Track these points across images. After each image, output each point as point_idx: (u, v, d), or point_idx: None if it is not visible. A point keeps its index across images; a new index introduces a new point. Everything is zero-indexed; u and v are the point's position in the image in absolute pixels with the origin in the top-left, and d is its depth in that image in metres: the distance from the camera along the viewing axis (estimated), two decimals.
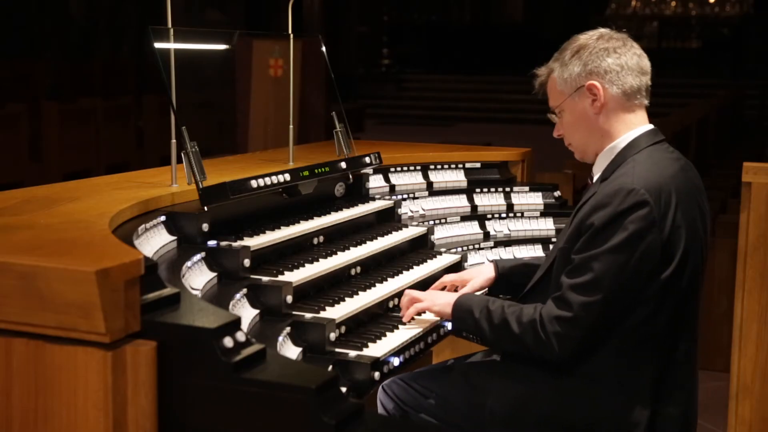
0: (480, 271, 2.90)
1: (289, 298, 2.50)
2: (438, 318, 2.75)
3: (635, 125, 2.47)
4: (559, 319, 2.30)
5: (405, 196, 3.68)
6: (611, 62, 2.44)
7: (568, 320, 2.29)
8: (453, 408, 2.55)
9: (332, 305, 2.62)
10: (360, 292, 2.77)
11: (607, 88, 2.44)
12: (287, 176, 2.89)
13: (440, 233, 3.66)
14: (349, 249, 2.96)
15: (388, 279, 2.94)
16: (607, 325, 2.30)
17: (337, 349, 2.48)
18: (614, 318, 2.30)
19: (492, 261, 2.94)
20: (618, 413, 2.33)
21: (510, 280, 2.87)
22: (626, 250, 2.25)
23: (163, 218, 2.51)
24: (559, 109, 2.54)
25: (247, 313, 2.40)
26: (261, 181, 2.75)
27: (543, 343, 2.32)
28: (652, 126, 2.49)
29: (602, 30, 2.53)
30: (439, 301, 2.66)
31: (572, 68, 2.48)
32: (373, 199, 3.44)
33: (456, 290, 2.87)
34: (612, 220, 2.27)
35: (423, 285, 3.00)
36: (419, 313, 2.73)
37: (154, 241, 2.42)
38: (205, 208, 2.55)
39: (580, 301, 2.28)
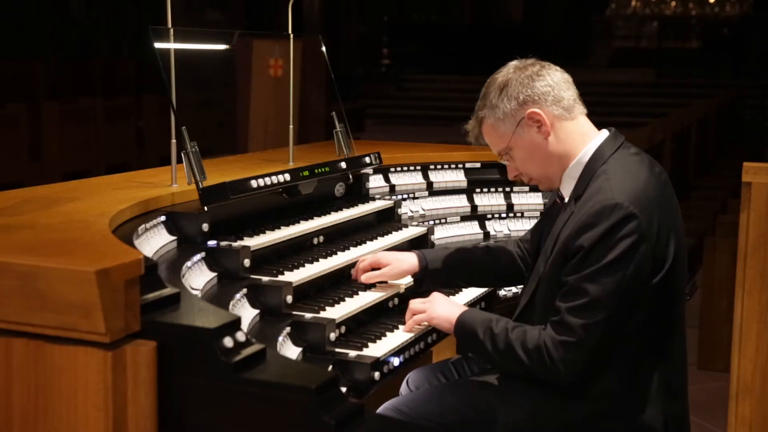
0: (399, 260, 2.80)
1: (289, 298, 2.50)
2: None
3: (590, 135, 2.42)
4: (564, 344, 2.24)
5: (405, 196, 3.68)
6: (540, 86, 2.39)
7: (573, 345, 2.23)
8: None
9: (332, 305, 2.62)
10: (360, 292, 2.77)
11: (547, 110, 2.38)
12: (287, 176, 2.89)
13: (440, 233, 3.65)
14: (349, 249, 2.96)
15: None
16: (611, 341, 2.26)
17: (337, 349, 2.48)
18: (617, 333, 2.26)
19: (416, 252, 2.85)
20: (628, 424, 2.30)
21: (441, 273, 2.81)
22: (621, 266, 2.19)
23: (163, 218, 2.51)
24: (507, 150, 2.47)
25: (247, 313, 2.40)
26: (261, 181, 2.75)
27: (550, 369, 2.26)
28: (606, 131, 2.43)
29: (513, 63, 2.47)
30: (438, 313, 2.57)
31: (504, 106, 2.41)
32: (373, 199, 3.44)
33: (376, 270, 2.80)
34: (602, 238, 2.20)
35: None
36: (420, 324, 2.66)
37: (154, 241, 2.42)
38: (205, 208, 2.55)
39: (582, 323, 2.22)
